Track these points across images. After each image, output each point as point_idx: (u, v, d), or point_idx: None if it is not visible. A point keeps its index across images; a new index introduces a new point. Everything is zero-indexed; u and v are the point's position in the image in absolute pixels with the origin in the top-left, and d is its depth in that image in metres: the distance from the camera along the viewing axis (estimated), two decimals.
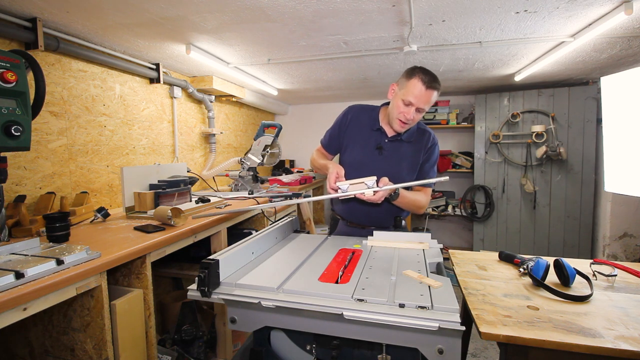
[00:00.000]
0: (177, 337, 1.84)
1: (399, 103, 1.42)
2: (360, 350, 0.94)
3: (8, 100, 1.24)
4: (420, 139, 1.56)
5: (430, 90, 1.36)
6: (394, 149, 1.55)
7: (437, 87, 1.38)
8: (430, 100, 1.38)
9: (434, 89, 1.37)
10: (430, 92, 1.36)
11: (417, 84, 1.36)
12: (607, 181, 2.16)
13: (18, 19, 1.64)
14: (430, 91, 1.36)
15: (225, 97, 3.39)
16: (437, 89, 1.38)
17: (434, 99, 1.39)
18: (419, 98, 1.36)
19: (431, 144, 1.57)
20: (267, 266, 1.14)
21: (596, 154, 3.48)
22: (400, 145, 1.55)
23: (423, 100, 1.37)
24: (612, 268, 1.25)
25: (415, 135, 1.56)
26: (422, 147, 1.55)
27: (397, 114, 1.43)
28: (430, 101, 1.38)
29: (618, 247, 3.28)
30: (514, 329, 0.87)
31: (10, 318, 0.92)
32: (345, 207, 1.67)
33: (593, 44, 2.26)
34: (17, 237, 1.43)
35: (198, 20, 1.80)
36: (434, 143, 1.58)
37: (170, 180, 2.10)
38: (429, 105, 1.40)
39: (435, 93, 1.38)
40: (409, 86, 1.38)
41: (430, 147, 1.56)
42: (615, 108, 2.06)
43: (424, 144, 1.55)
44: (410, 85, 1.37)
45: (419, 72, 1.37)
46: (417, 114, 1.41)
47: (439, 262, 1.19)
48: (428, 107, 1.40)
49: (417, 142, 1.55)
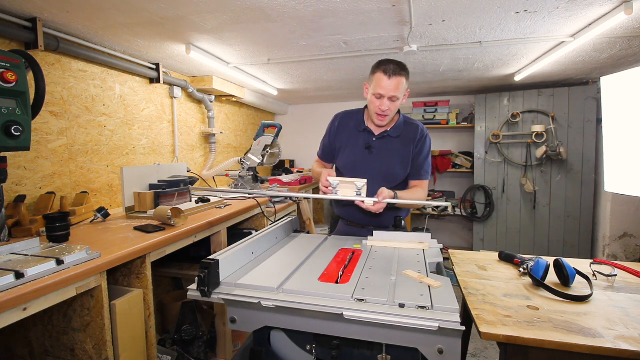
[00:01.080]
0: (177, 337, 1.84)
1: (372, 98, 1.48)
2: (360, 350, 0.94)
3: (8, 100, 1.24)
4: (408, 133, 1.58)
5: (395, 77, 1.41)
6: (382, 146, 1.58)
7: (402, 73, 1.42)
8: (398, 87, 1.42)
9: (398, 76, 1.41)
10: (395, 79, 1.41)
11: (380, 76, 1.42)
12: (607, 181, 2.16)
13: (18, 19, 1.64)
14: (395, 78, 1.41)
15: (225, 97, 3.39)
16: (401, 74, 1.42)
17: (402, 84, 1.43)
18: (386, 88, 1.42)
19: (420, 136, 1.58)
20: (267, 266, 1.14)
21: (596, 154, 3.48)
22: (389, 142, 1.58)
23: (391, 89, 1.42)
24: (612, 268, 1.25)
25: (403, 128, 1.59)
26: (411, 140, 1.57)
27: (374, 108, 1.49)
28: (398, 88, 1.42)
29: (618, 247, 3.28)
30: (514, 329, 0.87)
31: (10, 318, 0.92)
32: (345, 210, 1.69)
33: (593, 44, 2.26)
34: (17, 237, 1.43)
35: (198, 20, 1.80)
36: (424, 135, 1.58)
37: (170, 180, 2.10)
38: (400, 92, 1.44)
39: (401, 79, 1.42)
40: (375, 80, 1.45)
41: (421, 140, 1.57)
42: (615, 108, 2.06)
43: (413, 137, 1.57)
44: (376, 79, 1.44)
45: (381, 64, 1.44)
46: (392, 103, 1.45)
47: (439, 262, 1.19)
48: (399, 93, 1.44)
49: (405, 136, 1.58)
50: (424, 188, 1.61)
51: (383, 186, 1.47)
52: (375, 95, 1.46)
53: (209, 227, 1.78)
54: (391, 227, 1.65)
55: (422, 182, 1.61)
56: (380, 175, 1.55)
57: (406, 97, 1.53)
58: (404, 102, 1.52)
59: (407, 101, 4.36)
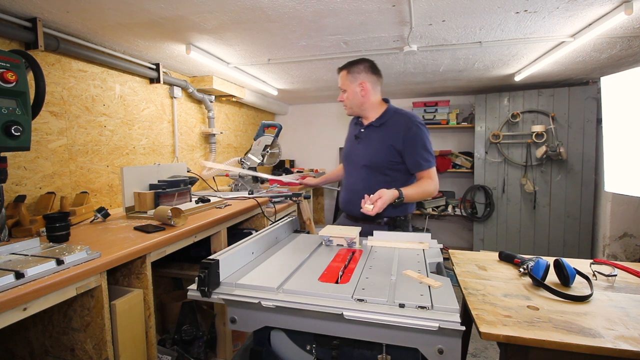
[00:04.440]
0: (177, 337, 1.84)
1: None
2: (360, 350, 0.94)
3: (8, 100, 1.24)
4: (394, 122, 1.65)
5: (338, 72, 1.71)
6: (367, 136, 1.70)
7: (343, 68, 1.69)
8: (340, 80, 1.70)
9: (340, 71, 1.70)
10: (339, 74, 1.70)
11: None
12: (607, 181, 2.16)
13: (18, 19, 1.64)
14: (339, 73, 1.70)
15: (225, 97, 3.39)
16: (342, 70, 1.69)
17: (342, 78, 1.69)
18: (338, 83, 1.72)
19: (409, 124, 1.60)
20: (267, 266, 1.14)
21: (596, 154, 3.48)
22: (372, 131, 1.69)
23: (338, 82, 1.71)
24: (612, 268, 1.25)
25: (388, 118, 1.67)
26: (398, 128, 1.61)
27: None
28: (340, 81, 1.69)
29: (618, 247, 3.28)
30: (514, 329, 0.87)
31: (10, 318, 0.92)
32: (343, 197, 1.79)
33: (593, 44, 2.26)
34: (17, 237, 1.43)
35: (198, 20, 1.80)
36: (413, 123, 1.60)
37: (170, 180, 2.10)
38: (343, 85, 1.69)
39: (342, 73, 1.68)
40: None
41: (410, 129, 1.59)
42: (615, 108, 2.06)
43: (400, 126, 1.62)
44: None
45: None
46: (343, 93, 1.70)
47: (439, 262, 1.19)
48: (343, 85, 1.69)
49: (390, 124, 1.65)
50: (431, 177, 1.59)
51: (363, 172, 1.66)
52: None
53: (209, 227, 1.78)
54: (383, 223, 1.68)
55: (427, 172, 1.59)
56: (361, 162, 1.68)
57: (364, 89, 1.66)
58: (363, 94, 1.66)
59: (407, 101, 4.37)
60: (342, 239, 1.38)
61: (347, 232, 1.41)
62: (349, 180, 1.76)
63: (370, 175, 1.64)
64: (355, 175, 1.71)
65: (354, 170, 1.72)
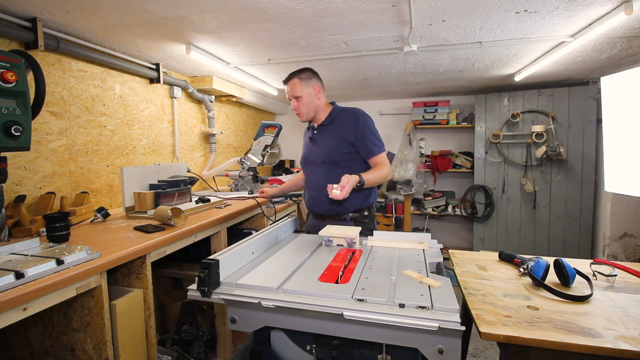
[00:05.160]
0: (177, 337, 1.84)
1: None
2: (360, 350, 0.94)
3: (8, 100, 1.24)
4: (342, 117, 1.77)
5: (288, 82, 1.77)
6: (320, 135, 1.81)
7: (293, 76, 1.75)
8: (292, 89, 1.76)
9: (290, 79, 1.76)
10: (289, 83, 1.76)
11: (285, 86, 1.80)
12: (607, 181, 2.16)
13: (18, 19, 1.64)
14: (289, 83, 1.77)
15: (225, 97, 3.39)
16: (292, 78, 1.75)
17: (295, 85, 1.74)
18: (288, 92, 1.79)
19: (355, 116, 1.73)
20: (267, 266, 1.14)
21: (596, 154, 3.48)
22: (325, 129, 1.79)
23: (290, 92, 1.77)
24: (612, 268, 1.25)
25: (336, 115, 1.78)
26: (347, 122, 1.73)
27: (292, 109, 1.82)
28: (293, 89, 1.75)
29: (618, 247, 3.28)
30: (514, 329, 0.87)
31: (10, 318, 0.92)
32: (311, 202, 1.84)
33: (593, 44, 2.26)
34: (17, 237, 1.43)
35: (198, 20, 1.80)
36: (359, 115, 1.74)
37: (170, 180, 2.10)
38: (297, 92, 1.74)
39: (293, 81, 1.75)
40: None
41: (357, 120, 1.72)
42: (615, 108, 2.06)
43: (348, 119, 1.74)
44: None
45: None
46: (296, 101, 1.77)
47: (439, 262, 1.19)
48: (297, 92, 1.74)
49: (339, 120, 1.76)
50: (384, 162, 1.70)
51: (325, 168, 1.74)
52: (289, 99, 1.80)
53: (209, 227, 1.78)
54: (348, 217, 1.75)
55: (379, 157, 1.70)
56: (320, 159, 1.77)
57: (318, 92, 1.77)
58: (318, 97, 1.77)
59: (407, 101, 4.37)
60: (342, 239, 1.38)
61: (347, 232, 1.41)
62: (311, 179, 1.84)
63: (330, 170, 1.72)
64: (317, 174, 1.79)
65: (315, 169, 1.81)
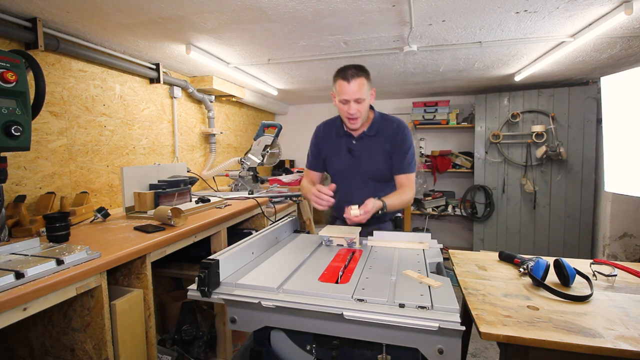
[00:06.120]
0: (177, 337, 1.84)
1: (340, 105, 1.52)
2: (360, 350, 0.94)
3: (8, 100, 1.24)
4: (385, 128, 1.60)
5: (354, 80, 1.44)
6: (363, 147, 1.61)
7: (360, 74, 1.45)
8: (359, 89, 1.44)
9: (357, 77, 1.44)
10: (355, 82, 1.44)
11: (340, 83, 1.47)
12: (607, 181, 2.16)
13: (18, 19, 1.64)
14: (355, 81, 1.44)
15: (225, 97, 3.39)
16: (360, 75, 1.45)
17: (363, 85, 1.45)
18: (348, 92, 1.45)
19: (397, 129, 1.58)
20: (267, 266, 1.14)
21: (596, 154, 3.48)
22: (368, 141, 1.60)
23: (353, 92, 1.45)
24: (612, 268, 1.25)
25: (380, 124, 1.60)
26: (389, 135, 1.58)
27: (343, 114, 1.54)
28: (360, 90, 1.45)
29: (618, 247, 3.28)
30: (514, 329, 0.87)
31: (10, 318, 0.92)
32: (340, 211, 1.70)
33: (593, 44, 2.26)
34: (17, 237, 1.43)
35: (198, 20, 1.80)
36: (401, 128, 1.59)
37: (170, 180, 2.10)
38: (363, 93, 1.46)
39: (361, 79, 1.45)
40: (337, 88, 1.50)
41: (398, 133, 1.57)
42: (615, 108, 2.06)
43: (390, 131, 1.59)
44: (338, 87, 1.49)
45: (340, 71, 1.49)
46: (358, 105, 1.48)
47: (439, 262, 1.19)
48: (362, 94, 1.46)
49: (383, 132, 1.59)
50: (411, 184, 1.59)
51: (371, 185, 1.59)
52: (341, 101, 1.49)
53: (209, 227, 1.78)
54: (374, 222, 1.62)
55: (408, 176, 1.59)
56: (366, 175, 1.61)
57: (373, 97, 1.56)
58: (372, 101, 1.55)
59: (407, 101, 4.37)
60: (342, 239, 1.38)
61: (347, 232, 1.41)
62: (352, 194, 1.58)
63: (377, 187, 1.59)
64: (362, 190, 1.58)
65: (357, 184, 1.62)
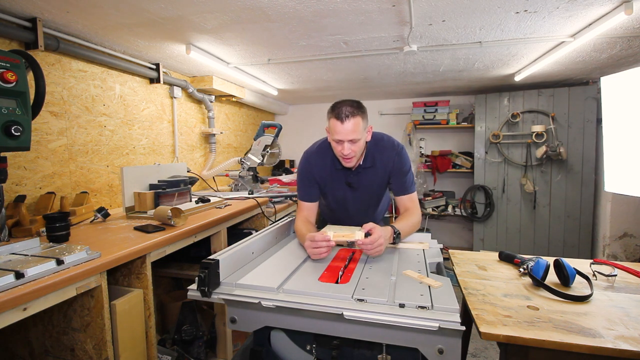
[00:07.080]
0: (177, 337, 1.84)
1: (334, 144, 1.43)
2: (360, 350, 0.94)
3: (8, 100, 1.24)
4: (381, 156, 1.52)
5: (348, 120, 1.32)
6: (360, 181, 1.55)
7: (355, 113, 1.33)
8: (354, 129, 1.33)
9: (351, 117, 1.32)
10: (350, 122, 1.32)
11: (334, 123, 1.35)
12: (607, 181, 2.16)
13: (18, 19, 1.63)
14: (349, 121, 1.32)
15: (225, 97, 3.39)
16: (355, 115, 1.33)
17: (358, 124, 1.33)
18: (342, 133, 1.34)
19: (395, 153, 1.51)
20: (267, 266, 1.14)
21: (596, 154, 3.48)
22: (365, 173, 1.54)
23: (347, 133, 1.34)
24: (612, 268, 1.25)
25: (374, 153, 1.52)
26: (385, 162, 1.52)
27: (337, 153, 1.44)
28: (355, 129, 1.33)
29: (618, 247, 3.28)
30: (514, 329, 0.87)
31: (10, 318, 0.92)
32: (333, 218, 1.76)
33: (593, 44, 2.26)
34: (17, 237, 1.43)
35: (198, 20, 1.80)
36: (398, 150, 1.52)
37: (170, 180, 2.10)
38: (357, 134, 1.34)
39: (356, 119, 1.33)
40: (330, 127, 1.39)
41: (397, 156, 1.51)
42: (615, 108, 2.06)
43: (387, 159, 1.52)
44: (331, 126, 1.38)
45: (334, 109, 1.37)
46: (353, 144, 1.37)
47: (439, 262, 1.19)
48: (357, 135, 1.34)
49: (380, 160, 1.52)
50: (416, 205, 1.54)
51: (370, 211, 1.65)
52: (334, 141, 1.39)
53: (209, 227, 1.78)
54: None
55: (411, 197, 1.54)
56: (364, 205, 1.64)
57: (370, 134, 1.46)
58: (368, 139, 1.46)
59: (407, 101, 4.37)
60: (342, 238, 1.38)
61: (348, 231, 1.40)
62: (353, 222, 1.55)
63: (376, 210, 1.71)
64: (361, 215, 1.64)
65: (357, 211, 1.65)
